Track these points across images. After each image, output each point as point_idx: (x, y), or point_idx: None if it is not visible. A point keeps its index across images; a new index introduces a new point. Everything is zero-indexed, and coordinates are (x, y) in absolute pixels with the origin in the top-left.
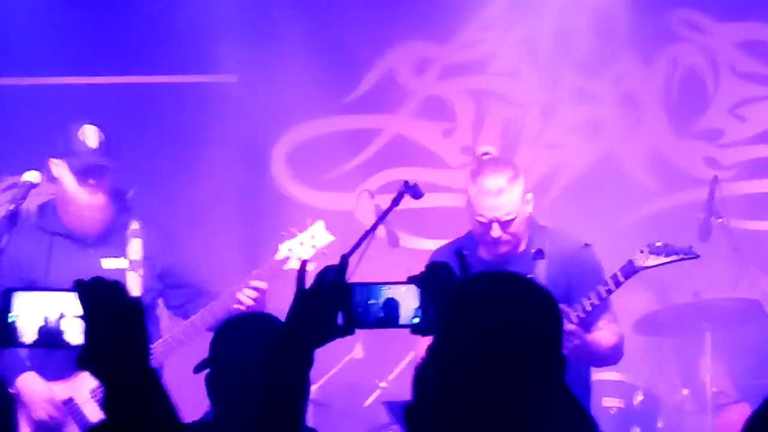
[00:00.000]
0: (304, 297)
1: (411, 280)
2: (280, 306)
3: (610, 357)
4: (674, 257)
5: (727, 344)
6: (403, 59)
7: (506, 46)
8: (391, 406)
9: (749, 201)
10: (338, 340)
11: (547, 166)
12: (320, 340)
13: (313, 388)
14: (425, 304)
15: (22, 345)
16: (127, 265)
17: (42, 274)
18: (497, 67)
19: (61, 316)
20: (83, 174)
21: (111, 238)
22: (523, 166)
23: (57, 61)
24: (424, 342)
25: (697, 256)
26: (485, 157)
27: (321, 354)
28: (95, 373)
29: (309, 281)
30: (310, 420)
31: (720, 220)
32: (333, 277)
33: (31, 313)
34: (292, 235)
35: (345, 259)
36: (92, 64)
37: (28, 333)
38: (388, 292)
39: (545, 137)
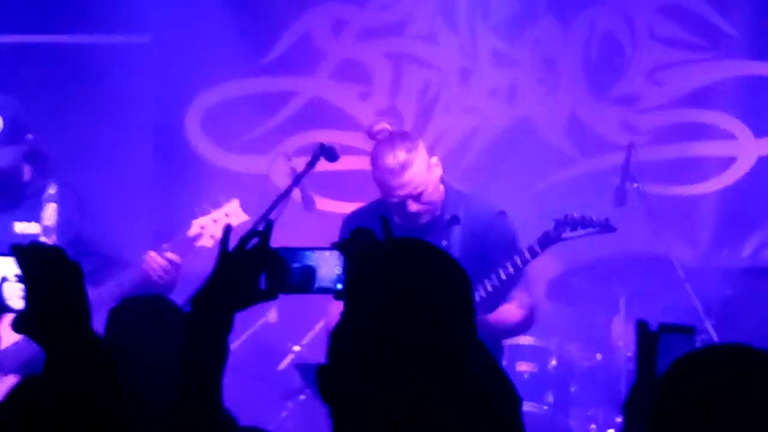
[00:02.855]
0: (226, 259)
1: (334, 245)
2: (190, 282)
3: (516, 330)
4: (590, 230)
5: (641, 309)
6: (319, 21)
7: (423, 8)
8: (304, 369)
9: (665, 166)
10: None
11: (464, 130)
12: (242, 303)
13: None
14: (348, 270)
15: None
16: (40, 230)
17: None
18: (414, 30)
19: (3, 280)
20: None
21: (25, 202)
22: (439, 130)
23: None
24: (340, 306)
25: (614, 230)
26: (380, 136)
27: (235, 318)
28: (35, 338)
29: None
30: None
31: (635, 185)
32: (257, 241)
33: None
34: (206, 212)
35: (270, 223)
36: None
37: None
38: (311, 258)
39: (463, 101)
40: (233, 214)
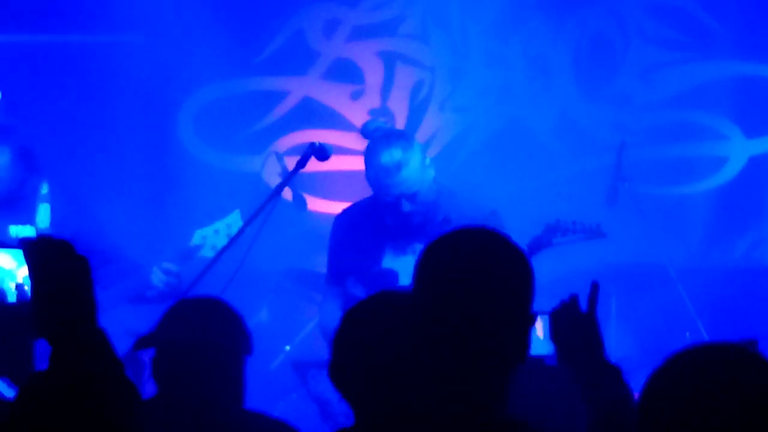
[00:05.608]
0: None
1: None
2: (196, 291)
3: None
4: (581, 235)
5: (632, 309)
6: (312, 20)
7: (415, 8)
8: (300, 367)
9: (656, 166)
10: (243, 302)
11: (456, 129)
12: None
13: None
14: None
15: None
16: (35, 233)
17: None
18: (406, 30)
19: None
20: None
21: (19, 204)
22: (431, 130)
23: None
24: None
25: (605, 236)
26: (375, 133)
27: None
28: (41, 333)
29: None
30: None
31: (627, 184)
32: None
33: None
34: (208, 223)
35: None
36: None
37: None
38: None
39: (454, 101)
40: (234, 224)
